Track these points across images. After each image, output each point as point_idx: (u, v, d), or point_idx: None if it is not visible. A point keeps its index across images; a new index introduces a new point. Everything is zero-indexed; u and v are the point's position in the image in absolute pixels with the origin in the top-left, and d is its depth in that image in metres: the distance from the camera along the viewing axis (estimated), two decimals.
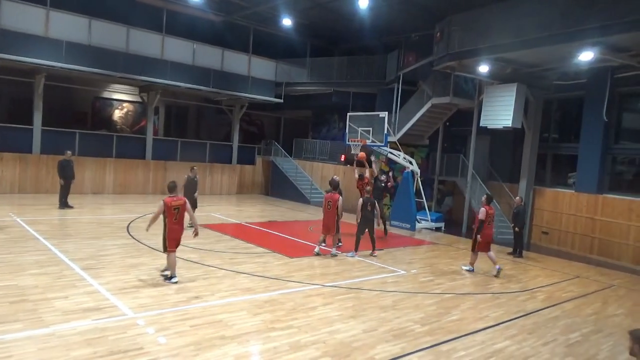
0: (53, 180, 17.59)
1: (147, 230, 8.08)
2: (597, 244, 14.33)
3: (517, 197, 13.71)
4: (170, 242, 7.98)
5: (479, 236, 10.39)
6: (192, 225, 8.41)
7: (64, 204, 14.62)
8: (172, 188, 8.10)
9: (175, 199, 7.99)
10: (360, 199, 11.32)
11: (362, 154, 14.22)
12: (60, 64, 16.47)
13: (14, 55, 15.59)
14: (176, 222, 7.99)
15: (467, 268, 10.83)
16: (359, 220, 11.26)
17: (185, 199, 8.32)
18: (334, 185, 11.38)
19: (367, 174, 13.52)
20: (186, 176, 13.27)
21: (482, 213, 10.52)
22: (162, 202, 7.88)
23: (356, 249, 11.26)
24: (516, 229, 13.22)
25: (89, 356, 5.07)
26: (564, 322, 7.78)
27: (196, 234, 8.33)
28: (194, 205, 12.88)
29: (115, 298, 6.93)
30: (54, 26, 16.39)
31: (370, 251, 11.46)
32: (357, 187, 13.23)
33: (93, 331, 5.69)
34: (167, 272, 8.09)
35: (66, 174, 14.70)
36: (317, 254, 10.96)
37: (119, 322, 6.07)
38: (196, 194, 13.10)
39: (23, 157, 17.24)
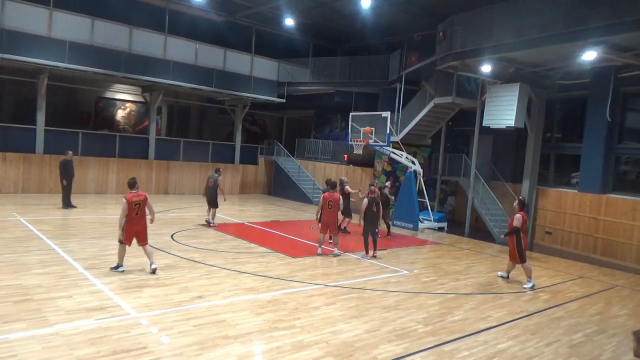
0: (56, 180, 17.61)
1: (120, 231, 8.17)
2: (601, 244, 14.29)
3: (520, 197, 13.55)
4: (128, 235, 8.21)
5: (516, 243, 9.65)
6: (150, 216, 8.63)
7: (67, 204, 14.65)
8: (132, 184, 8.45)
9: (136, 194, 8.28)
10: (366, 199, 11.26)
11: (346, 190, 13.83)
12: (63, 64, 16.51)
13: (17, 55, 15.64)
14: (137, 216, 8.26)
15: (502, 274, 10.50)
16: (364, 221, 11.20)
17: (146, 195, 8.50)
18: (333, 185, 11.41)
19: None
20: (209, 176, 14.30)
21: (518, 220, 9.67)
22: (124, 200, 8.16)
23: (367, 251, 11.21)
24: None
25: (92, 355, 5.08)
26: (567, 322, 7.76)
27: (151, 221, 8.65)
28: (215, 206, 13.77)
29: (119, 298, 6.95)
30: (56, 26, 16.43)
31: (372, 251, 11.37)
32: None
33: (96, 331, 5.71)
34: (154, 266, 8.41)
35: (68, 173, 14.74)
36: (320, 255, 10.95)
37: (122, 321, 6.09)
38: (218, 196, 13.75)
39: (26, 157, 17.29)
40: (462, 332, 6.81)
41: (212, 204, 13.71)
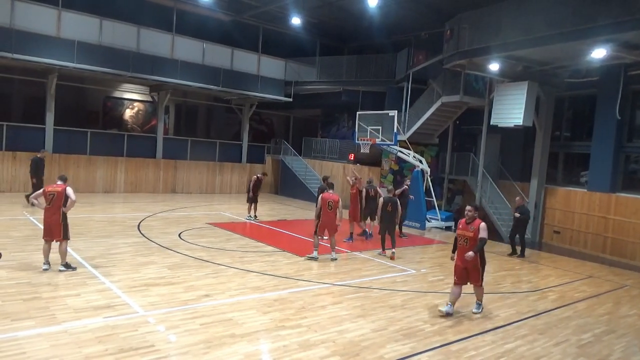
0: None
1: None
2: (610, 243, 14.16)
3: (518, 198, 13.24)
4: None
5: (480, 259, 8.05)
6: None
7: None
8: (62, 178, 8.47)
9: (54, 186, 8.14)
10: (381, 198, 11.25)
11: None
12: (72, 64, 16.64)
13: (27, 55, 15.78)
14: (49, 207, 7.96)
15: (447, 310, 8.17)
16: (380, 221, 11.25)
17: (65, 187, 8.13)
18: (331, 185, 11.29)
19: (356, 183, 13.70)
20: (255, 176, 15.68)
21: (485, 230, 8.07)
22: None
23: (383, 248, 11.30)
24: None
25: (100, 353, 5.12)
26: (576, 322, 7.69)
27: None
28: (255, 201, 15.32)
29: (126, 296, 6.99)
30: (65, 26, 16.56)
31: (390, 250, 11.08)
32: (351, 192, 13.57)
33: (104, 329, 5.75)
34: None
35: (39, 172, 14.40)
36: (315, 258, 10.33)
37: (130, 319, 6.12)
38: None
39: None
40: (469, 331, 6.78)
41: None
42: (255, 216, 15.42)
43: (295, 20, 19.74)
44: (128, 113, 23.11)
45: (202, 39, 19.96)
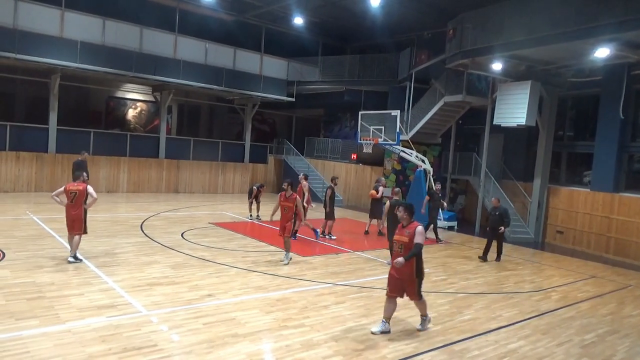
0: (68, 178, 17.77)
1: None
2: (614, 243, 14.12)
3: (494, 199, 12.37)
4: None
5: (416, 268, 6.54)
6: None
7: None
8: (77, 177, 9.11)
9: (75, 184, 8.81)
10: (388, 202, 10.62)
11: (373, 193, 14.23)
12: (75, 64, 16.69)
13: (30, 55, 15.84)
14: (71, 204, 8.67)
15: (381, 329, 6.94)
16: (387, 225, 10.61)
17: (86, 185, 8.86)
18: (291, 184, 10.07)
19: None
20: (254, 188, 15.32)
21: (422, 234, 6.47)
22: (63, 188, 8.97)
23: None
24: (500, 230, 11.73)
25: (103, 352, 5.13)
26: (579, 322, 7.68)
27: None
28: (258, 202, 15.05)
29: (129, 295, 7.01)
30: (68, 27, 16.61)
31: (389, 259, 10.57)
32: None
33: (107, 328, 5.76)
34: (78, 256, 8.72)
35: (79, 173, 14.71)
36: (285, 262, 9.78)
37: (133, 319, 6.14)
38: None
39: (39, 156, 17.51)
40: (472, 331, 6.77)
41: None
42: (258, 216, 15.44)
43: (298, 20, 19.74)
44: (131, 113, 23.17)
45: (205, 39, 19.98)
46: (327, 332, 6.26)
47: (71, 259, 8.52)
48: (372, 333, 6.29)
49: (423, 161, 16.92)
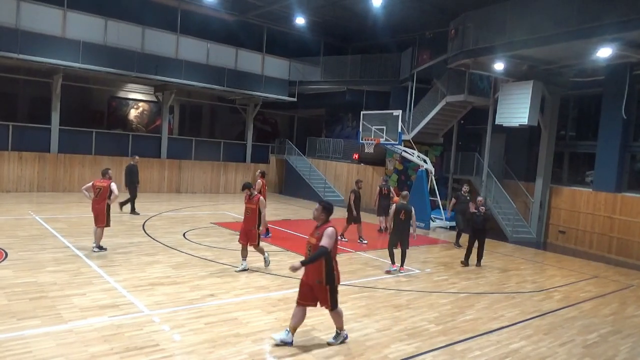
0: (71, 178, 17.95)
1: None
2: (616, 243, 14.09)
3: (479, 198, 11.69)
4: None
5: (326, 275, 5.83)
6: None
7: (133, 210, 14.37)
8: (103, 173, 9.70)
9: (101, 181, 9.48)
10: (394, 205, 9.91)
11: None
12: (77, 64, 16.72)
13: (33, 55, 15.87)
14: (96, 199, 9.37)
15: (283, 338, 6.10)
16: (390, 231, 9.88)
17: (110, 182, 9.45)
18: (248, 185, 9.00)
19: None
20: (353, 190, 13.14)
21: (331, 235, 5.72)
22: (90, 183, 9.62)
23: (392, 261, 9.78)
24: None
25: (105, 352, 5.14)
26: (581, 322, 7.66)
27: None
28: (358, 221, 12.68)
29: (132, 295, 7.02)
30: (70, 27, 16.64)
31: (391, 266, 9.81)
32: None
33: (109, 328, 5.77)
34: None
35: (133, 178, 14.73)
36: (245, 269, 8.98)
37: (135, 319, 6.15)
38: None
39: (41, 156, 17.54)
40: (474, 331, 6.76)
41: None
42: None
43: (300, 20, 19.74)
44: (133, 113, 23.20)
45: (207, 39, 20.00)
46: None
47: (96, 249, 9.32)
48: (273, 339, 5.75)
49: (425, 161, 16.91)
